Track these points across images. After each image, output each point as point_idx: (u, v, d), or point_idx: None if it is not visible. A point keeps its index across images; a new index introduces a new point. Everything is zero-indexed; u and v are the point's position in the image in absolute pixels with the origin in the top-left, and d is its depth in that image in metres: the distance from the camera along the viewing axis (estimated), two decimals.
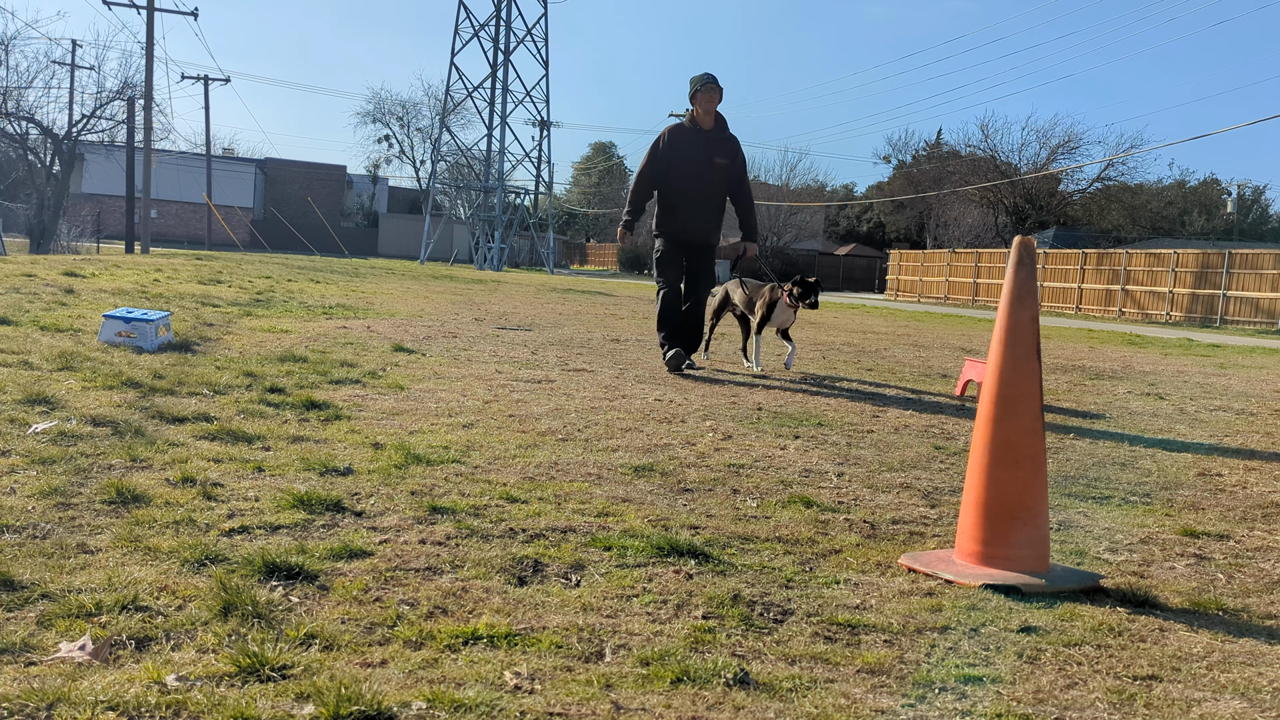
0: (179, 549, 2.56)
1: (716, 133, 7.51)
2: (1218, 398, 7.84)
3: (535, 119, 51.75)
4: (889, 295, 42.32)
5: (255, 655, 1.93)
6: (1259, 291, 26.23)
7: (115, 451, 3.56)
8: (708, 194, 7.50)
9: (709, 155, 7.44)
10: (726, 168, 7.50)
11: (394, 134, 75.78)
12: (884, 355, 10.13)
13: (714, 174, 7.46)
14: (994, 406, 2.89)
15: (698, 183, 7.44)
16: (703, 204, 7.49)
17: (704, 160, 7.43)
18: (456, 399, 5.33)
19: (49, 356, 5.57)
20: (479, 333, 9.59)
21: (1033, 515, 2.82)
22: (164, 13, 41.60)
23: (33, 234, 29.45)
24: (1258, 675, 2.21)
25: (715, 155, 7.44)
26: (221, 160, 61.78)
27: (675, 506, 3.41)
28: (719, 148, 7.48)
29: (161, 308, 9.07)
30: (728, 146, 7.53)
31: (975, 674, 2.12)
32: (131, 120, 32.37)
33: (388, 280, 21.15)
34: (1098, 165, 47.00)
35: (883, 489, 3.90)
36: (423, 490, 3.34)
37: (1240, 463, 4.94)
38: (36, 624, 2.07)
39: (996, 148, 48.25)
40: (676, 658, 2.11)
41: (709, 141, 7.46)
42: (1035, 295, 2.94)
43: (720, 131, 7.54)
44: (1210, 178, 60.86)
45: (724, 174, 7.50)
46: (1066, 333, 17.90)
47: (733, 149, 7.54)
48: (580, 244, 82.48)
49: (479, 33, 49.88)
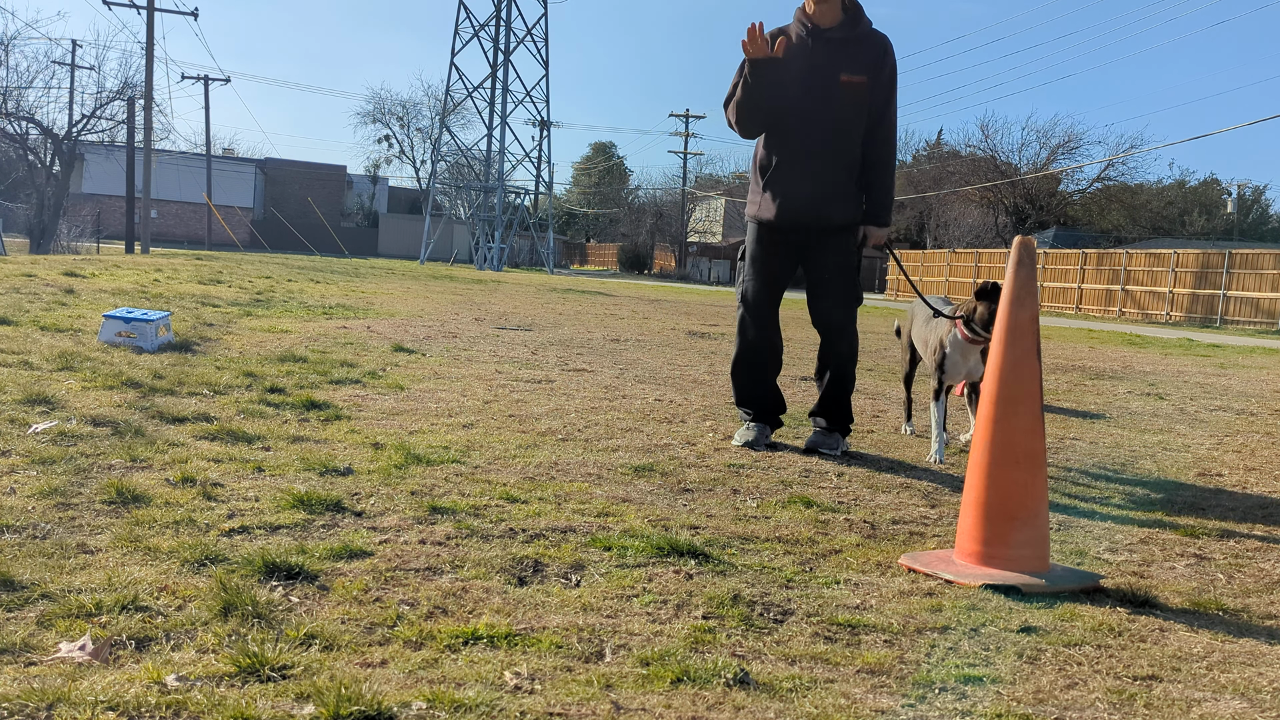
0: (179, 549, 2.56)
1: (844, 30, 4.44)
2: (1218, 398, 7.84)
3: (535, 119, 51.79)
4: (889, 295, 42.33)
5: (255, 655, 1.93)
6: (1259, 291, 26.23)
7: (115, 451, 3.56)
8: (827, 136, 4.44)
9: (830, 68, 4.40)
10: (863, 89, 4.41)
11: (394, 134, 75.84)
12: (884, 355, 10.13)
13: (838, 101, 4.41)
14: (994, 406, 2.89)
15: (809, 117, 4.43)
16: (819, 154, 4.46)
17: (819, 78, 4.41)
18: (456, 399, 5.33)
19: (49, 356, 5.57)
20: (479, 333, 9.58)
21: (1033, 515, 2.82)
22: (164, 13, 41.61)
23: (33, 234, 29.44)
24: (1258, 675, 2.21)
25: (841, 68, 4.40)
26: (221, 160, 61.78)
27: (675, 506, 3.41)
28: (848, 55, 4.41)
29: (161, 308, 9.07)
30: (865, 51, 4.43)
31: (975, 674, 2.12)
32: (131, 120, 32.38)
33: (388, 280, 21.15)
34: (1098, 165, 47.05)
35: (883, 489, 3.90)
36: (423, 490, 3.34)
37: (1240, 463, 4.94)
38: (36, 624, 2.07)
39: (996, 148, 48.28)
40: (676, 658, 2.10)
41: (829, 46, 4.42)
42: (1035, 295, 2.94)
43: (850, 27, 4.44)
44: (1210, 178, 60.93)
45: (857, 100, 4.42)
46: (1066, 333, 17.90)
47: (874, 55, 4.43)
48: (580, 244, 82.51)
49: (479, 33, 49.91)
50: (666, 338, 10.69)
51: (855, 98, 4.41)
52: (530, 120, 52.42)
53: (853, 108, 4.42)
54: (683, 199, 67.12)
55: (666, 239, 67.60)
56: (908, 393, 5.27)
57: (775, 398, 4.73)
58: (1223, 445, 5.48)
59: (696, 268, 59.53)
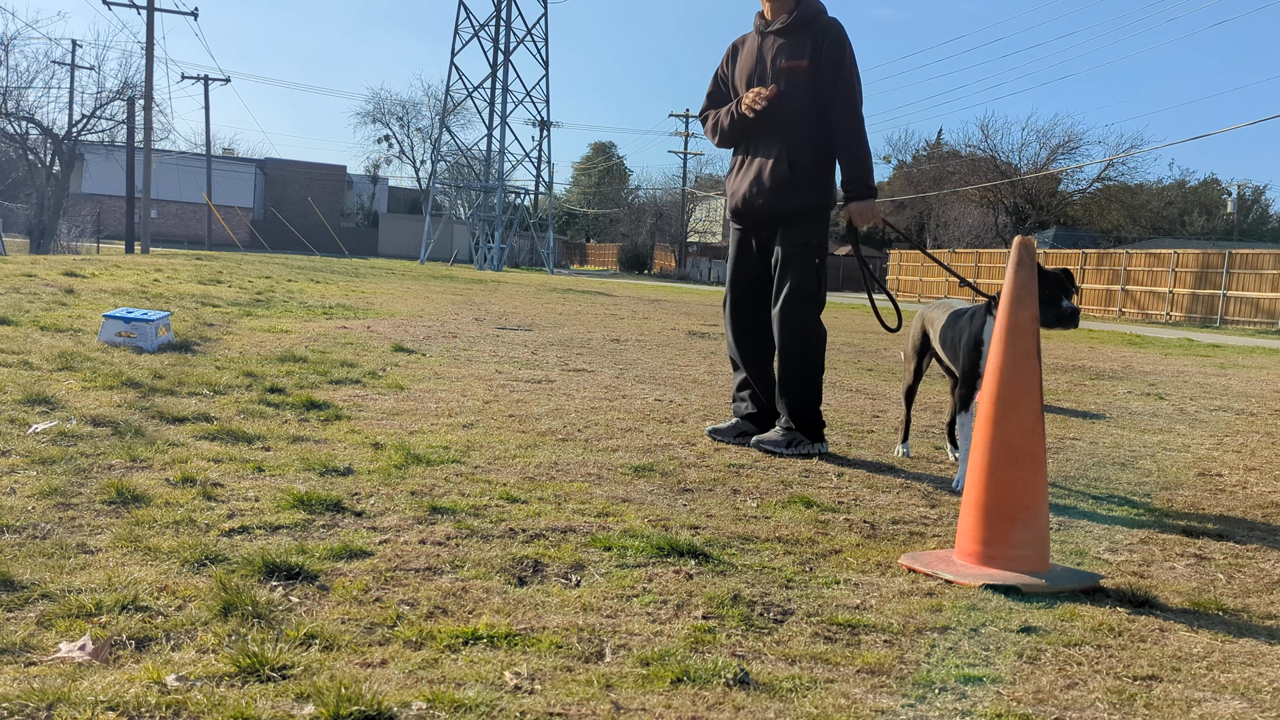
0: (179, 549, 2.56)
1: (787, 24, 4.42)
2: (1218, 398, 7.84)
3: (535, 119, 51.78)
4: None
5: (255, 655, 1.93)
6: (1259, 291, 26.23)
7: (115, 451, 3.56)
8: (773, 124, 4.41)
9: (774, 59, 4.42)
10: (800, 74, 4.36)
11: (394, 134, 75.83)
12: (884, 355, 10.13)
13: (787, 89, 4.38)
14: (994, 406, 2.89)
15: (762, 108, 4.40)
16: (766, 143, 4.46)
17: (761, 70, 4.45)
18: (456, 399, 5.33)
19: (49, 356, 5.57)
20: (479, 333, 9.58)
21: (1033, 515, 2.82)
22: (164, 13, 41.61)
23: (33, 234, 29.45)
24: (1258, 675, 2.21)
25: (781, 56, 4.40)
26: (221, 160, 61.79)
27: (675, 506, 3.40)
28: (789, 43, 4.39)
29: (161, 308, 9.07)
30: (802, 39, 4.37)
31: (975, 674, 2.12)
32: (131, 120, 32.39)
33: (388, 280, 21.15)
34: (1098, 165, 47.05)
35: (883, 489, 3.90)
36: (423, 490, 3.34)
37: (1240, 463, 4.94)
38: (36, 624, 2.07)
39: (996, 148, 48.27)
40: (676, 658, 2.10)
41: (775, 39, 4.44)
42: (1035, 295, 2.95)
43: (792, 18, 4.41)
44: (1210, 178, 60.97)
45: (798, 85, 4.36)
46: (1065, 334, 17.89)
47: (812, 42, 4.36)
48: (580, 244, 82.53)
49: (479, 33, 49.91)
50: (666, 338, 10.69)
51: (795, 82, 4.36)
52: (530, 120, 52.41)
53: (793, 92, 4.36)
54: (683, 199, 67.14)
55: (666, 239, 67.63)
56: (908, 410, 4.65)
57: (756, 400, 4.66)
58: (1223, 445, 5.48)
59: (696, 268, 59.55)
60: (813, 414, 4.45)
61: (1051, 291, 3.73)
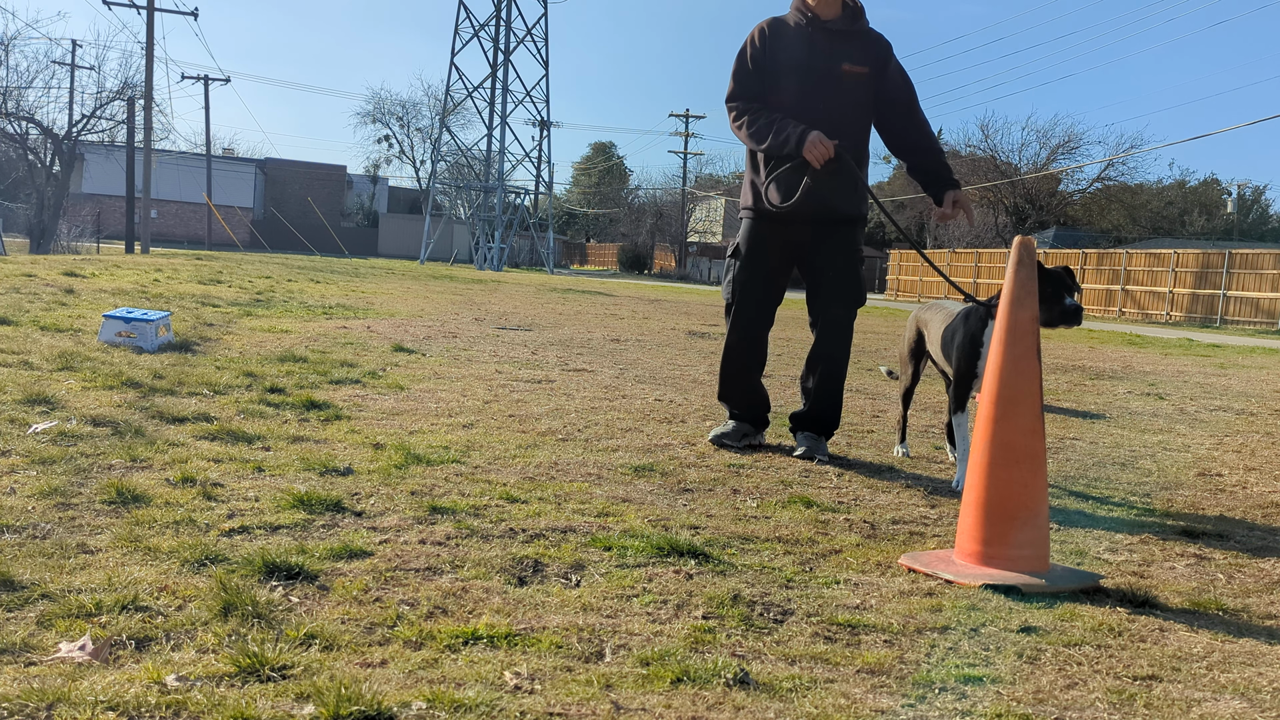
0: (179, 549, 2.56)
1: (845, 23, 4.40)
2: (1218, 398, 7.84)
3: (535, 119, 51.81)
4: (889, 295, 42.33)
5: (255, 655, 1.93)
6: (1259, 291, 26.24)
7: (115, 451, 3.56)
8: (831, 125, 4.24)
9: (832, 58, 4.33)
10: (862, 80, 4.36)
11: (394, 134, 75.86)
12: (884, 355, 10.13)
13: (843, 91, 4.33)
14: (994, 406, 2.89)
15: (810, 106, 4.29)
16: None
17: (823, 67, 4.33)
18: (456, 399, 5.33)
19: (49, 356, 5.57)
20: (479, 333, 9.58)
21: (1033, 515, 2.82)
22: (164, 13, 41.60)
23: (33, 234, 29.45)
24: (1258, 675, 2.21)
25: (844, 58, 4.33)
26: (221, 160, 61.79)
27: (675, 506, 3.40)
28: (851, 46, 4.36)
29: (161, 308, 9.07)
30: (868, 46, 4.40)
31: (975, 674, 2.12)
32: (131, 120, 32.39)
33: (388, 280, 21.15)
34: (1098, 165, 47.08)
35: (883, 489, 3.90)
36: (423, 490, 3.34)
37: (1240, 463, 4.94)
38: (36, 624, 2.07)
39: (996, 148, 48.31)
40: (676, 658, 2.10)
41: (830, 36, 4.36)
42: (1035, 295, 2.94)
43: (851, 21, 4.41)
44: (1210, 178, 60.92)
45: (863, 91, 4.37)
46: (1066, 333, 17.90)
47: (878, 50, 4.40)
48: (580, 244, 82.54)
49: (479, 33, 49.94)
50: (666, 338, 10.69)
51: (857, 88, 4.35)
52: (530, 120, 52.44)
53: (854, 98, 4.35)
54: (683, 199, 67.14)
55: (666, 239, 67.63)
56: (904, 410, 4.69)
57: (760, 397, 4.64)
58: (1223, 445, 5.48)
59: (696, 268, 59.57)
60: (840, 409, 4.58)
61: (1054, 289, 3.73)
